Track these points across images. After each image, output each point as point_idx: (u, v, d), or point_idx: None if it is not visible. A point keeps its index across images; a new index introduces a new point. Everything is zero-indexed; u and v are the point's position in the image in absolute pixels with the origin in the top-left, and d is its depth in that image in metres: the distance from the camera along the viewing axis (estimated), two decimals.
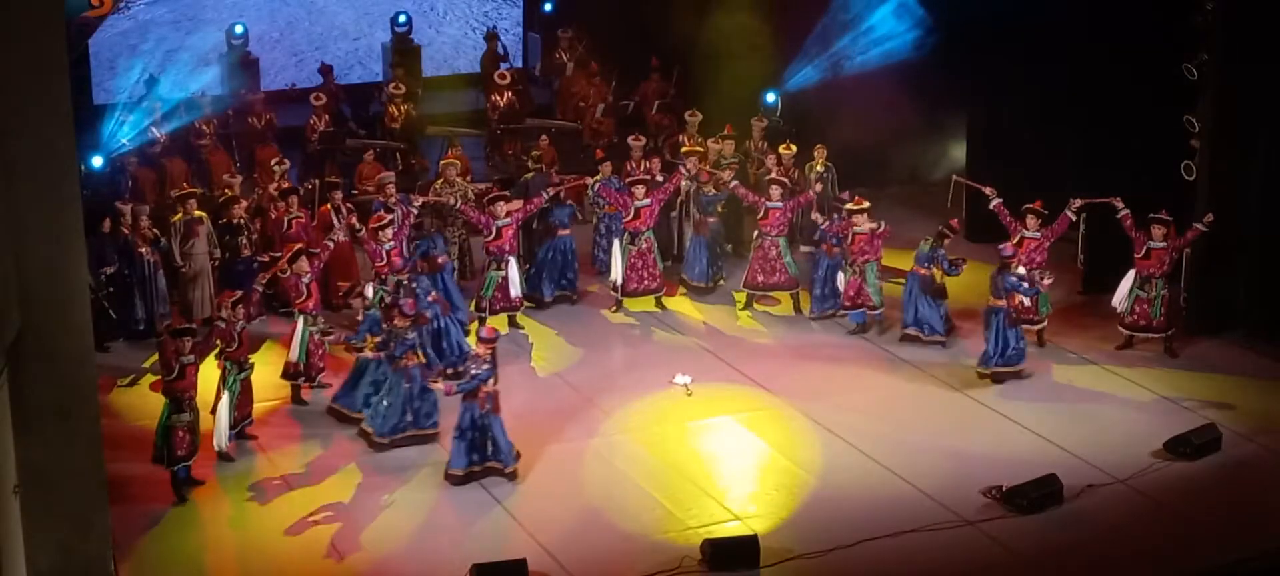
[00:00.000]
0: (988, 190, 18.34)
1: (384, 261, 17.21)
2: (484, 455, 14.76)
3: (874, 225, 17.93)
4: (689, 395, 16.47)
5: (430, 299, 16.61)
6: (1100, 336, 18.05)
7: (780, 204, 18.62)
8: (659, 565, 13.47)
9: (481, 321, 18.09)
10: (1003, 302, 16.91)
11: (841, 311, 18.28)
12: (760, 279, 18.74)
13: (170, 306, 17.81)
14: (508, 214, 18.00)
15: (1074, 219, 17.94)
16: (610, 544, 13.87)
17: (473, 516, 14.28)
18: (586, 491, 14.79)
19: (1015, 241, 17.75)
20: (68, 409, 11.84)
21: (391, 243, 17.39)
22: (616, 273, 18.74)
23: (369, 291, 17.23)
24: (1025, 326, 17.65)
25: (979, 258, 18.57)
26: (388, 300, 15.93)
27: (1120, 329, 17.84)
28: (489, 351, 14.69)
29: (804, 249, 20.02)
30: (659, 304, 18.91)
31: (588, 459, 15.40)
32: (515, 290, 18.05)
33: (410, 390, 15.31)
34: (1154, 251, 17.46)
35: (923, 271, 17.80)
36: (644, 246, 18.68)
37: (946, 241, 17.76)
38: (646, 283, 18.78)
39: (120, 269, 17.45)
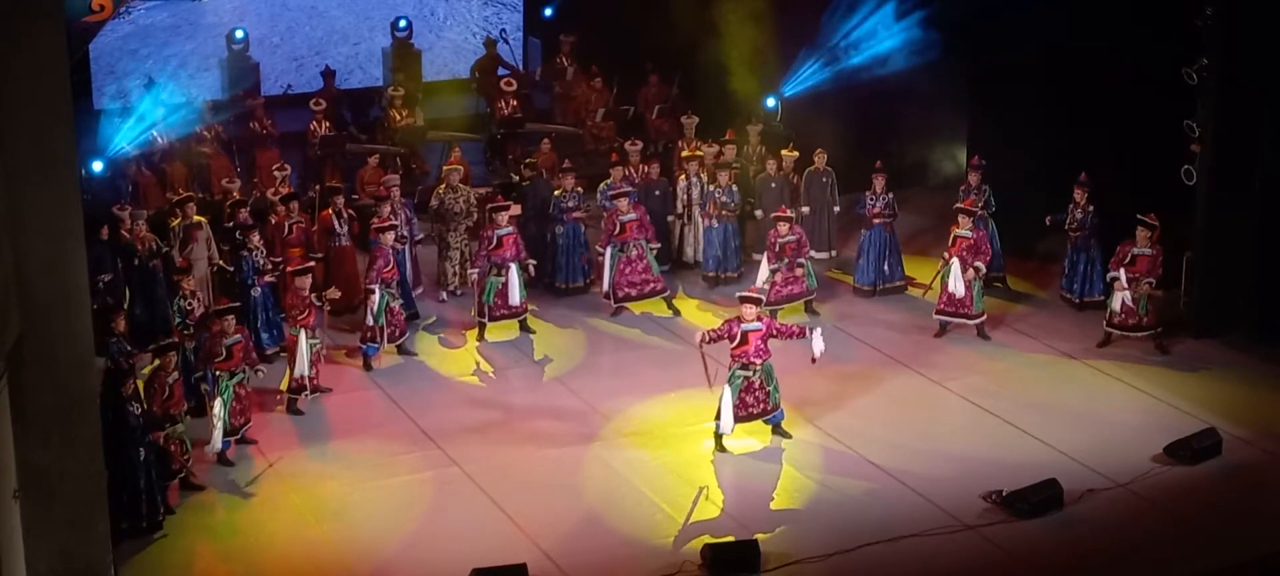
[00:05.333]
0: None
1: (388, 265, 17.20)
2: None
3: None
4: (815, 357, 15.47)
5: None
6: (1098, 341, 18.03)
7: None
8: (659, 569, 13.47)
9: (482, 327, 18.11)
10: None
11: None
12: (785, 291, 18.67)
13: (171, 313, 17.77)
14: (509, 221, 18.00)
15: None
16: (611, 548, 13.87)
17: (473, 520, 14.28)
18: (587, 495, 14.79)
19: (949, 240, 17.94)
20: (68, 413, 11.85)
21: (396, 246, 17.40)
22: (606, 280, 18.75)
23: (377, 294, 17.21)
24: (963, 321, 18.01)
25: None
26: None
27: (1105, 327, 17.86)
28: None
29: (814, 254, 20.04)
30: (670, 306, 18.91)
31: (588, 463, 15.39)
32: (516, 297, 18.02)
33: None
34: (1139, 258, 17.48)
35: None
36: (633, 254, 18.66)
37: None
38: (640, 287, 18.75)
39: (119, 274, 17.42)
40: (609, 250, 18.71)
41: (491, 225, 18.02)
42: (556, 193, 19.26)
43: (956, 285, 17.93)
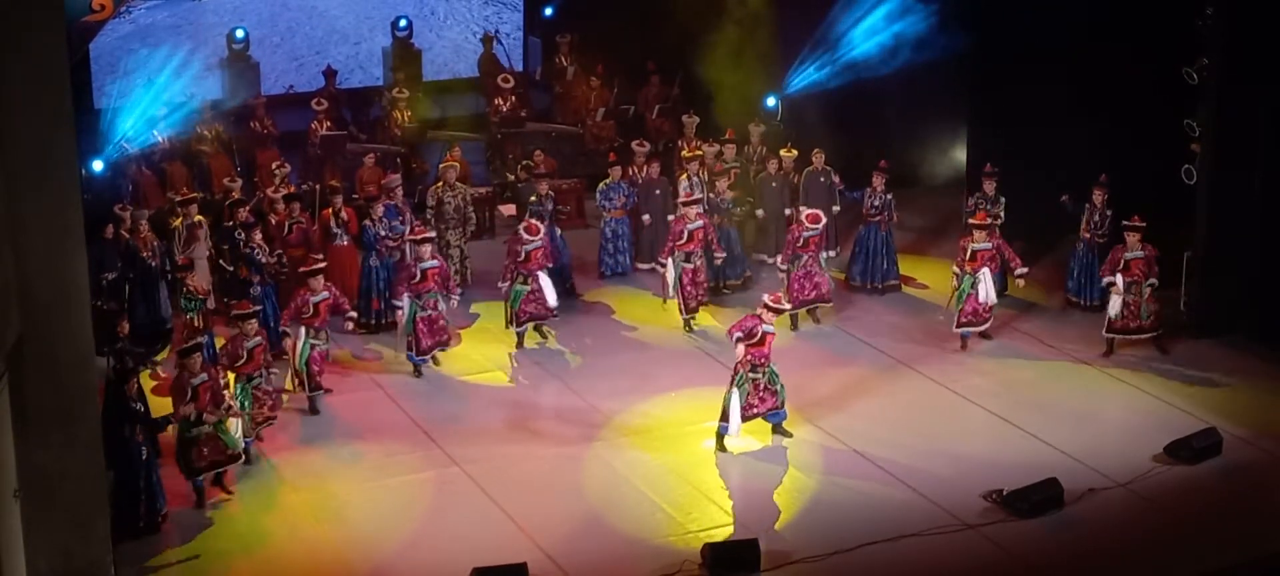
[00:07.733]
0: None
1: (417, 277, 17.06)
2: None
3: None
4: None
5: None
6: (1098, 340, 18.02)
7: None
8: (660, 569, 13.46)
9: (520, 338, 17.96)
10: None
11: None
12: (805, 295, 18.48)
13: (173, 314, 17.69)
14: (538, 234, 17.93)
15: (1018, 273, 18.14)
16: (611, 547, 13.87)
17: (473, 520, 14.28)
18: (587, 495, 14.79)
19: (967, 256, 17.78)
20: (68, 413, 11.85)
21: (432, 261, 17.24)
22: (672, 292, 18.40)
23: (404, 303, 17.08)
24: (976, 328, 17.92)
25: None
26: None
27: (1104, 334, 17.78)
28: None
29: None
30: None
31: (589, 463, 15.40)
32: (552, 299, 17.91)
33: None
34: (1133, 262, 17.44)
35: None
36: (696, 265, 18.50)
37: None
38: (700, 298, 18.63)
39: (123, 273, 17.41)
40: (671, 260, 18.39)
41: (519, 240, 17.95)
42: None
43: (989, 294, 17.79)
